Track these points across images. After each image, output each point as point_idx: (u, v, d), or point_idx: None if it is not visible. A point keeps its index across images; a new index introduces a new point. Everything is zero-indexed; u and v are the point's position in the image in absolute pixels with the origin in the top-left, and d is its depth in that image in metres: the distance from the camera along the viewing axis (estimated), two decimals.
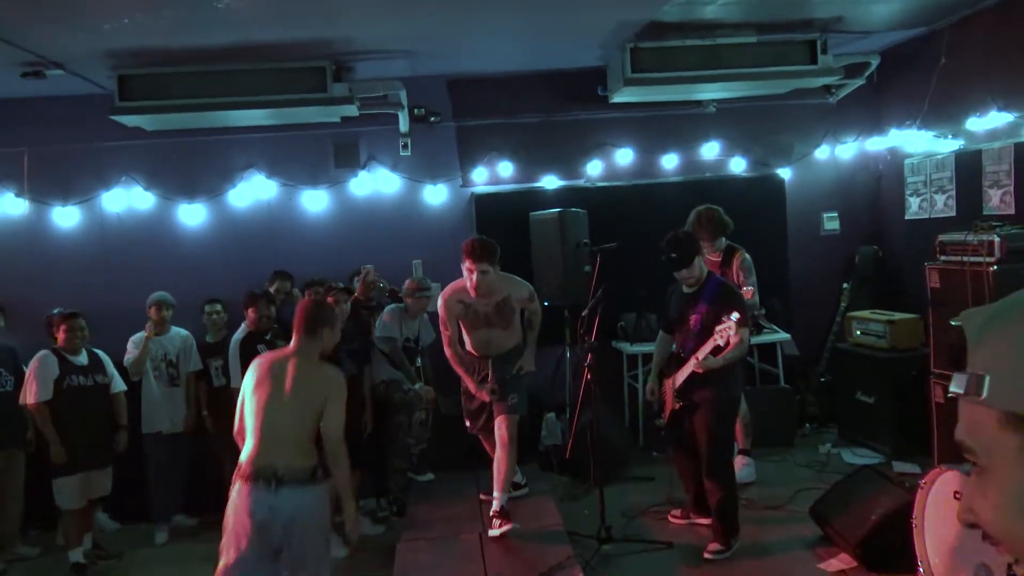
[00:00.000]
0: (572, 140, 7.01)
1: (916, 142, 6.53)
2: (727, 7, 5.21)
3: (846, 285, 7.09)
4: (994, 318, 0.77)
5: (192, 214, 6.74)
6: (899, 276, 6.90)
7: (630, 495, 5.60)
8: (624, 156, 7.03)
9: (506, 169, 6.94)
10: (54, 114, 6.42)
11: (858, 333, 6.38)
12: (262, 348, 4.91)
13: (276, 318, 5.45)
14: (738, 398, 4.88)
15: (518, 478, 5.19)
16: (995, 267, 4.80)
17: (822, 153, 7.26)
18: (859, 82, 6.74)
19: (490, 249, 4.63)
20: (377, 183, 6.87)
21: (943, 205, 6.30)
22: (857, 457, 6.02)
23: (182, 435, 5.72)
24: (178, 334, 5.82)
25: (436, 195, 6.94)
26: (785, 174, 7.22)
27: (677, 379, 4.64)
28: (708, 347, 4.40)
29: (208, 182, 6.74)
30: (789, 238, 7.20)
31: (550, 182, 6.99)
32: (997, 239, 4.86)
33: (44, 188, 6.56)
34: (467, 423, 5.15)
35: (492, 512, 4.63)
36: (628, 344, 6.62)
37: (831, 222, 7.32)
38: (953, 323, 4.72)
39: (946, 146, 6.19)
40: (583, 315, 5.17)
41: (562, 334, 6.40)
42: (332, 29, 5.17)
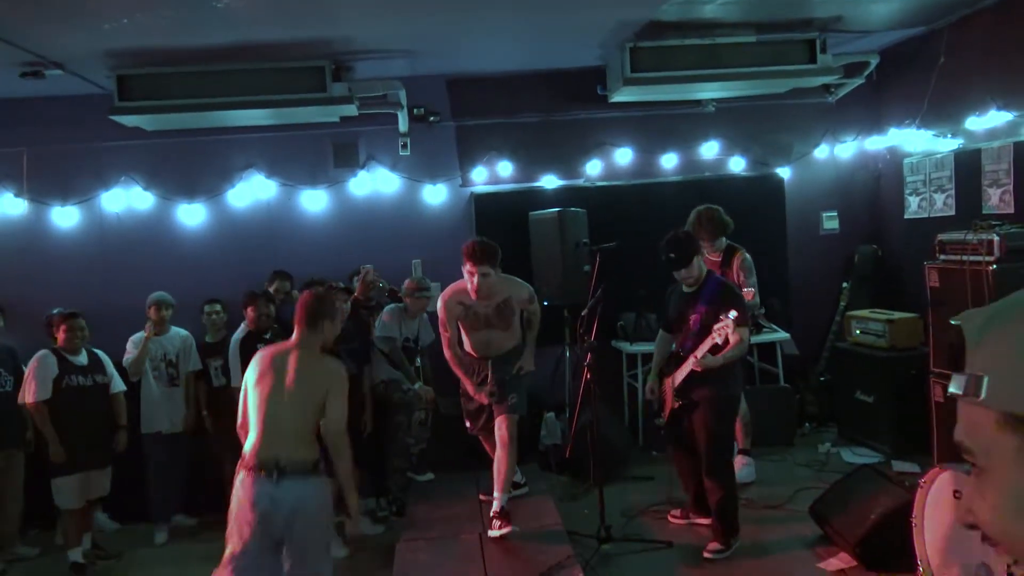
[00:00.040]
0: (571, 140, 7.01)
1: (915, 141, 6.53)
2: (726, 6, 5.20)
3: (845, 284, 7.09)
4: (993, 319, 0.77)
5: (191, 214, 6.74)
6: (898, 275, 6.90)
7: (630, 495, 5.60)
8: (623, 156, 7.03)
9: (505, 169, 6.94)
10: (53, 114, 6.41)
11: (857, 332, 6.39)
12: (262, 347, 4.90)
13: (276, 318, 5.46)
14: (738, 397, 4.88)
15: (517, 477, 5.18)
16: (994, 266, 4.80)
17: (821, 152, 7.26)
18: (858, 81, 6.74)
19: (491, 251, 4.61)
20: (376, 183, 6.87)
21: (942, 204, 6.30)
22: (856, 456, 6.02)
23: (181, 435, 5.72)
24: (178, 334, 5.82)
25: (435, 195, 6.94)
26: (784, 173, 7.22)
27: (676, 378, 4.65)
28: (706, 345, 4.41)
29: (207, 182, 6.74)
30: (788, 237, 7.19)
31: (549, 182, 6.99)
32: (996, 238, 4.86)
33: (43, 188, 6.55)
34: (467, 424, 5.14)
35: (492, 513, 4.63)
36: (628, 343, 6.62)
37: (830, 221, 7.31)
38: (953, 322, 4.72)
39: (945, 145, 6.19)
40: (583, 314, 5.17)
41: (562, 334, 6.40)
42: (331, 29, 5.17)
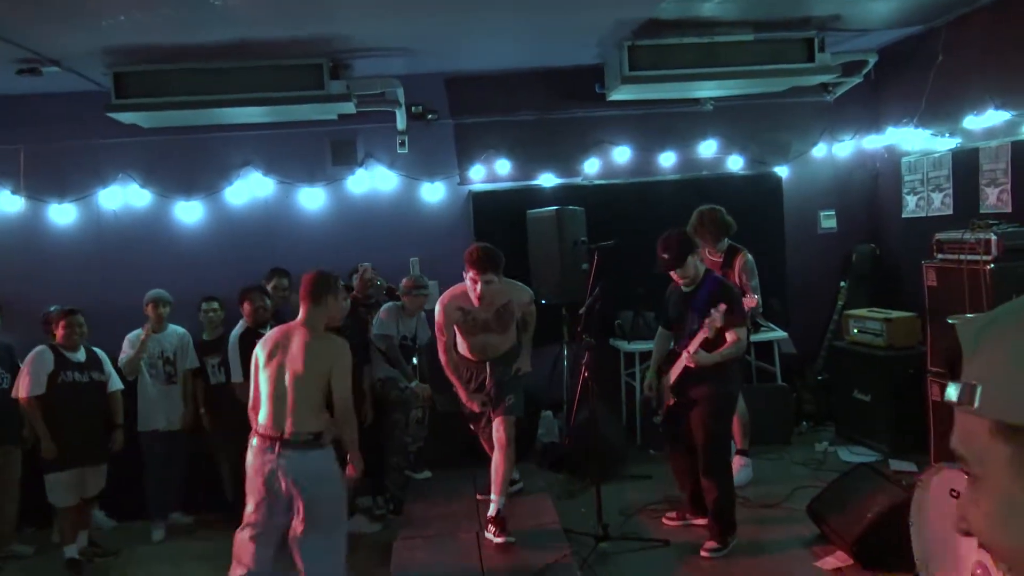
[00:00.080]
0: (570, 138, 7.00)
1: (913, 140, 6.53)
2: (724, 5, 5.20)
3: (843, 283, 7.08)
4: (988, 326, 0.77)
5: (189, 211, 6.72)
6: (896, 274, 6.90)
7: (627, 493, 5.60)
8: (622, 154, 7.02)
9: (503, 167, 6.93)
10: (50, 111, 6.40)
11: (855, 331, 6.39)
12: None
13: (274, 314, 5.45)
14: (735, 395, 4.88)
15: (514, 474, 5.18)
16: (992, 265, 4.81)
17: (819, 151, 7.26)
18: (856, 80, 6.74)
19: (495, 259, 4.54)
20: (374, 181, 6.86)
21: (940, 203, 6.30)
22: (854, 455, 6.02)
23: (179, 433, 5.71)
24: (175, 332, 5.81)
25: (433, 193, 6.93)
26: (782, 172, 7.22)
27: (671, 374, 4.66)
28: (698, 340, 4.42)
29: (205, 179, 6.73)
30: (786, 236, 7.19)
31: (547, 180, 6.98)
32: (994, 237, 4.87)
33: (40, 185, 6.54)
34: (470, 426, 5.14)
35: (489, 516, 4.60)
36: (625, 342, 6.61)
37: (828, 220, 7.32)
38: (949, 320, 4.73)
39: (943, 144, 6.19)
40: (580, 313, 5.16)
41: (559, 332, 6.40)
42: (329, 27, 5.16)
